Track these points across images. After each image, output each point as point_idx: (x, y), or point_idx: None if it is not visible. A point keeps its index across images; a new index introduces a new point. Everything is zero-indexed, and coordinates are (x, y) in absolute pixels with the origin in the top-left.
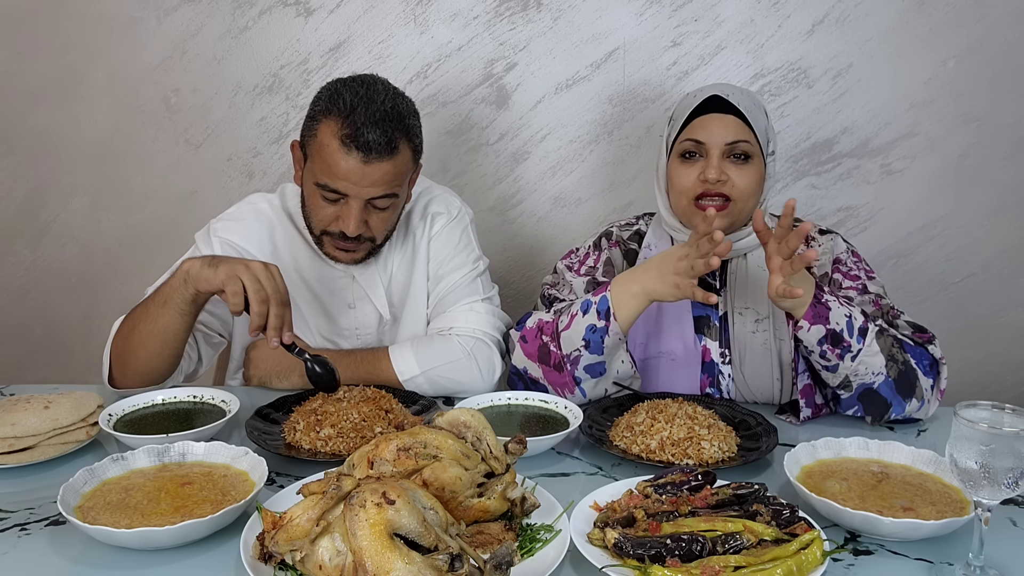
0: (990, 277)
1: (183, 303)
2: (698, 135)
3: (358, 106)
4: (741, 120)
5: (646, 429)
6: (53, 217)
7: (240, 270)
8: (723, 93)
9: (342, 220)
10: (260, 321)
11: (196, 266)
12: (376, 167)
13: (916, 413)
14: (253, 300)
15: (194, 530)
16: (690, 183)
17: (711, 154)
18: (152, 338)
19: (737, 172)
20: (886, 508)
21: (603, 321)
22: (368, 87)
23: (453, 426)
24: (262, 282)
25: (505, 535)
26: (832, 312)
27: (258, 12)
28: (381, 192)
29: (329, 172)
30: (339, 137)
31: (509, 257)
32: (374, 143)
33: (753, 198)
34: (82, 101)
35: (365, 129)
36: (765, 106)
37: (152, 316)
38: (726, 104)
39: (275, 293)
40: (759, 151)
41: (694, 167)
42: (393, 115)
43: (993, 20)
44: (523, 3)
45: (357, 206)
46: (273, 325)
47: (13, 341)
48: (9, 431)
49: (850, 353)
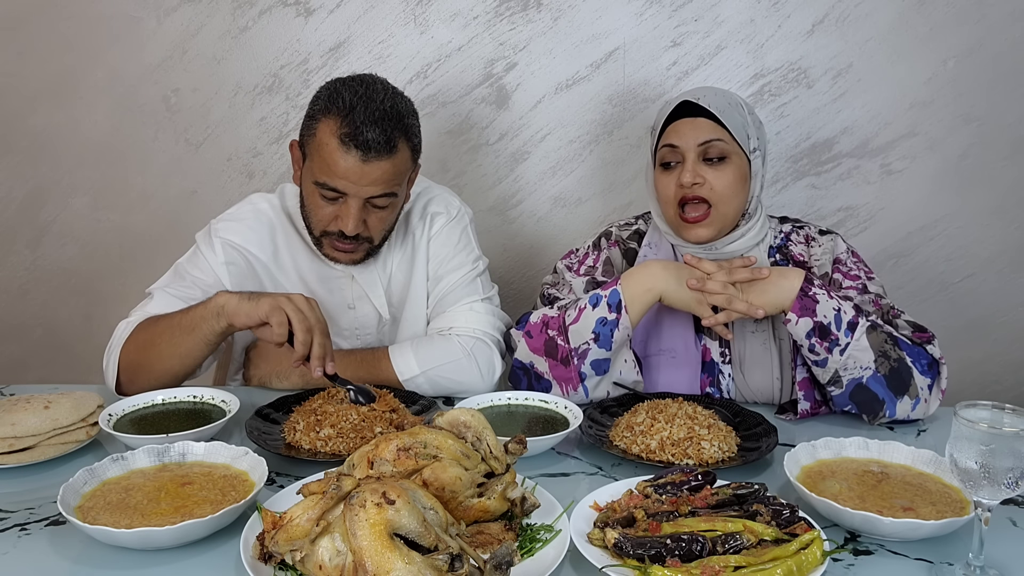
0: (990, 277)
1: (211, 334)
2: (672, 140)
3: (357, 105)
4: (713, 121)
5: (646, 429)
6: (53, 217)
7: (283, 302)
8: (693, 97)
9: (341, 219)
10: (304, 351)
11: (233, 301)
12: (375, 166)
13: (913, 412)
14: (298, 329)
15: (194, 530)
16: (671, 192)
17: (687, 158)
18: (172, 359)
19: (714, 174)
20: (886, 508)
21: (614, 314)
22: (367, 86)
23: (453, 426)
24: (305, 313)
25: (505, 535)
26: (820, 305)
27: (258, 12)
28: (380, 191)
29: (328, 171)
30: (338, 136)
31: (509, 257)
32: (373, 142)
33: (735, 199)
34: (82, 101)
35: (364, 128)
36: (747, 103)
37: (176, 340)
38: (697, 107)
39: (318, 323)
40: (738, 149)
41: (673, 175)
42: (392, 114)
43: (993, 20)
44: (523, 3)
45: (356, 205)
46: (317, 354)
47: (13, 341)
48: (9, 431)
49: (838, 347)
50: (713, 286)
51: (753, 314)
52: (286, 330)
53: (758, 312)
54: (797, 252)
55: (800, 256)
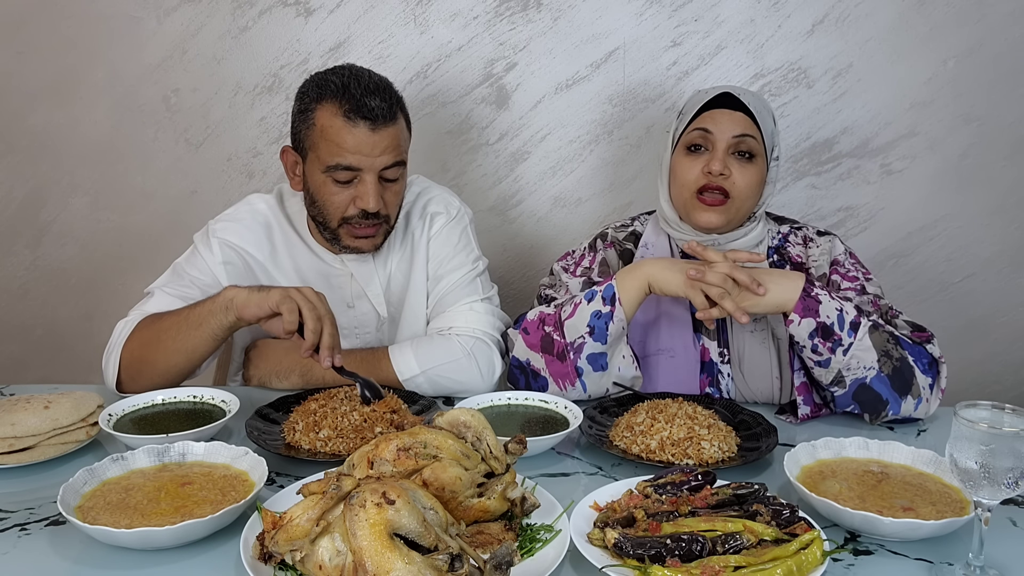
0: (990, 277)
1: (219, 329)
2: (707, 124)
3: (350, 83)
4: (750, 119)
5: (646, 429)
6: (53, 217)
7: (293, 292)
8: (735, 92)
9: (360, 198)
10: (315, 339)
11: (243, 294)
12: (384, 133)
13: (915, 412)
14: (309, 318)
15: (194, 530)
16: (693, 176)
17: (717, 147)
18: (178, 355)
19: (740, 170)
20: (886, 508)
21: (608, 307)
22: (350, 69)
23: (453, 426)
24: (315, 303)
25: (505, 535)
26: (822, 305)
27: (258, 12)
28: (392, 159)
29: (338, 150)
30: (342, 114)
31: (509, 257)
32: (378, 108)
33: (752, 199)
34: (82, 101)
35: (366, 99)
36: (774, 112)
37: (182, 335)
38: (736, 102)
39: (328, 314)
40: (763, 152)
41: (699, 160)
42: (383, 84)
43: (993, 20)
44: (523, 3)
45: (372, 179)
46: (327, 344)
47: (13, 341)
48: (9, 431)
49: (841, 347)
50: (712, 277)
51: (738, 318)
52: (296, 318)
53: (743, 318)
54: (795, 253)
55: (798, 257)
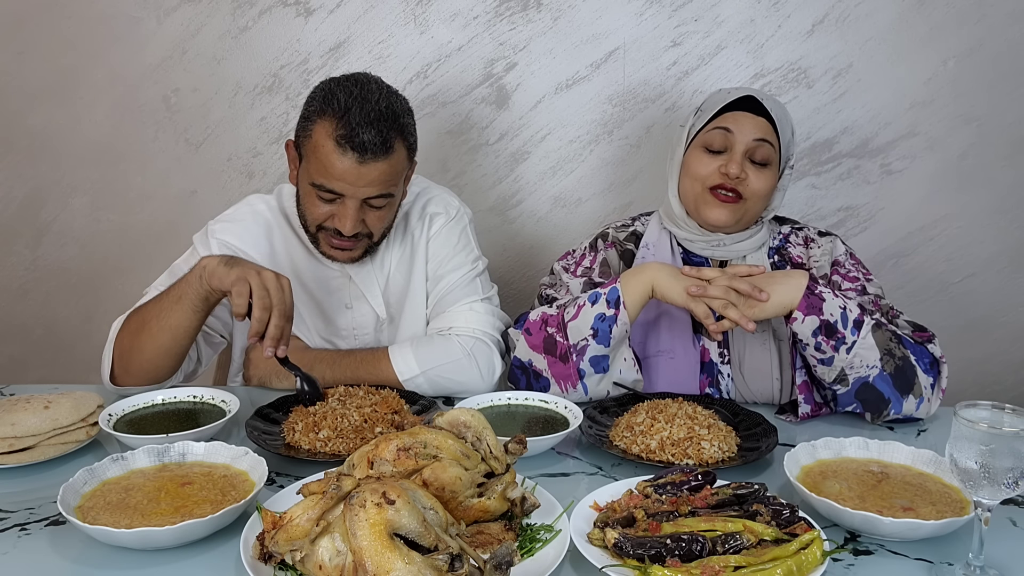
0: (990, 277)
1: (197, 299)
2: (729, 124)
3: (352, 106)
4: (771, 125)
5: (646, 429)
6: (53, 217)
7: (250, 274)
8: (759, 96)
9: (338, 219)
10: (259, 327)
11: (213, 263)
12: (372, 167)
13: (916, 412)
14: (256, 306)
15: (194, 530)
16: (708, 172)
17: (735, 149)
18: (163, 333)
19: (755, 174)
20: (886, 508)
21: (612, 310)
22: (362, 87)
23: (453, 426)
24: (269, 291)
25: (505, 535)
26: (826, 303)
27: (258, 12)
28: (376, 192)
29: (325, 172)
30: (334, 138)
31: (509, 257)
32: (369, 143)
33: (762, 203)
34: (82, 101)
35: (360, 129)
36: (793, 124)
37: (165, 311)
38: (759, 106)
39: (280, 304)
40: (778, 159)
41: (716, 159)
42: (388, 114)
43: (993, 20)
44: (523, 3)
45: (353, 206)
46: (271, 335)
47: (13, 341)
48: (9, 431)
49: (844, 345)
50: (715, 291)
51: (745, 326)
52: (245, 302)
53: (749, 325)
54: (796, 254)
55: (799, 258)
